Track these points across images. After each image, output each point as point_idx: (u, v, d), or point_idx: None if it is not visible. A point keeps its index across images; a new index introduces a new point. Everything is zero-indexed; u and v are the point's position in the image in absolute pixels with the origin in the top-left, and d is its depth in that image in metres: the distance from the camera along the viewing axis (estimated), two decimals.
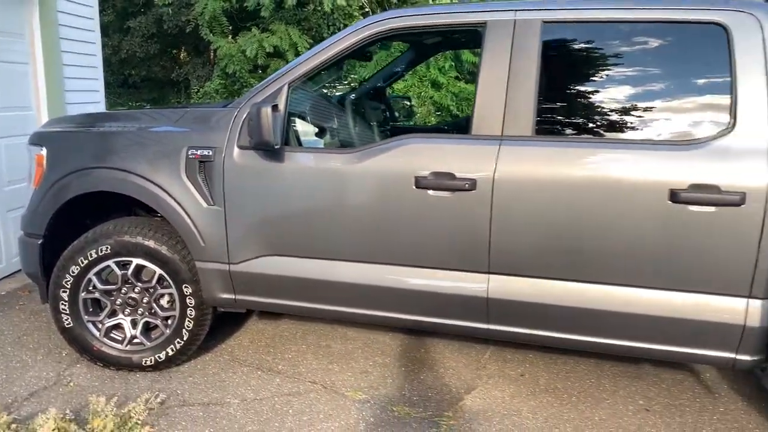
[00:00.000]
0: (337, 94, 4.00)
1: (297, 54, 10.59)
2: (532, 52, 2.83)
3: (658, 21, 2.78)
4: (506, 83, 2.84)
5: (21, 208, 4.89)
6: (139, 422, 2.97)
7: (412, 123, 5.13)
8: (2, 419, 2.89)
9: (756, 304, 2.62)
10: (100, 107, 6.15)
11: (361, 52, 3.38)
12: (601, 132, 2.85)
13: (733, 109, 2.60)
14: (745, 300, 2.63)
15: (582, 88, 3.00)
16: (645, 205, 2.64)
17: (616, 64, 2.93)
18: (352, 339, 4.10)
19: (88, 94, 5.96)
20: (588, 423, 3.20)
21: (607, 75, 2.94)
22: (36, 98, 5.33)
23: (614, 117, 2.84)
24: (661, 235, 2.65)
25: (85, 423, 2.92)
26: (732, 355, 2.71)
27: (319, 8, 10.91)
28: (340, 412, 3.22)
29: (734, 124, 2.59)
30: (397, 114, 4.83)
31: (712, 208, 2.57)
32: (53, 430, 2.81)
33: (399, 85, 11.01)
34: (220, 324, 4.08)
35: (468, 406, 3.33)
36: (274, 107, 2.92)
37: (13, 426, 2.89)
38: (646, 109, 2.83)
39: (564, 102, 2.99)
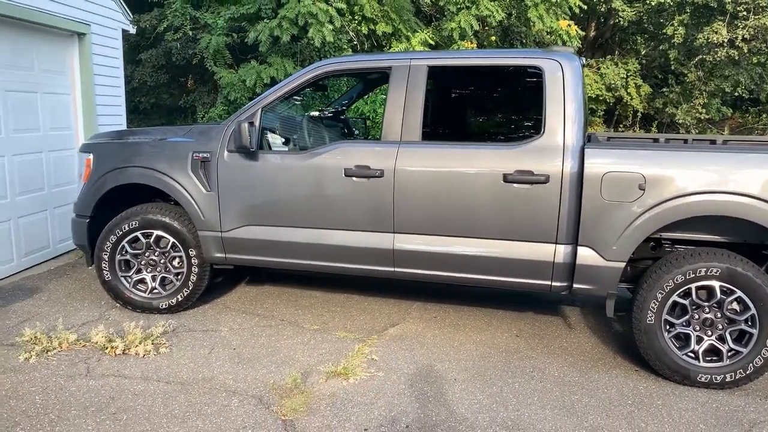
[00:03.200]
0: (305, 113, 5.43)
1: None
2: (420, 85, 4.26)
3: (501, 65, 4.25)
4: (403, 106, 4.27)
5: (65, 205, 6.41)
6: (159, 336, 4.38)
7: (369, 135, 6.54)
8: (70, 335, 4.30)
9: (560, 248, 4.02)
10: (123, 127, 7.62)
11: (312, 87, 4.83)
12: (464, 137, 4.26)
13: (543, 121, 4.02)
14: (553, 245, 4.03)
15: (452, 109, 4.44)
16: (489, 183, 4.06)
17: (474, 93, 4.39)
18: (315, 296, 5.51)
19: (114, 117, 7.44)
20: (470, 341, 4.58)
21: (468, 100, 4.39)
22: (75, 121, 6.82)
23: (471, 127, 4.28)
24: (500, 204, 4.06)
25: (123, 336, 4.32)
26: (549, 282, 4.10)
27: (312, 43, 12.37)
28: (299, 335, 4.62)
29: (543, 131, 4.01)
30: (355, 129, 6.29)
31: (528, 186, 3.99)
32: (103, 337, 4.24)
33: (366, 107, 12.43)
34: (215, 287, 5.49)
35: (390, 333, 4.72)
36: (251, 123, 4.37)
37: (76, 338, 4.29)
38: (490, 121, 4.27)
39: (440, 118, 4.44)
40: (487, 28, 15.27)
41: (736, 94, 19.50)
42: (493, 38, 15.99)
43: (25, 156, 6.00)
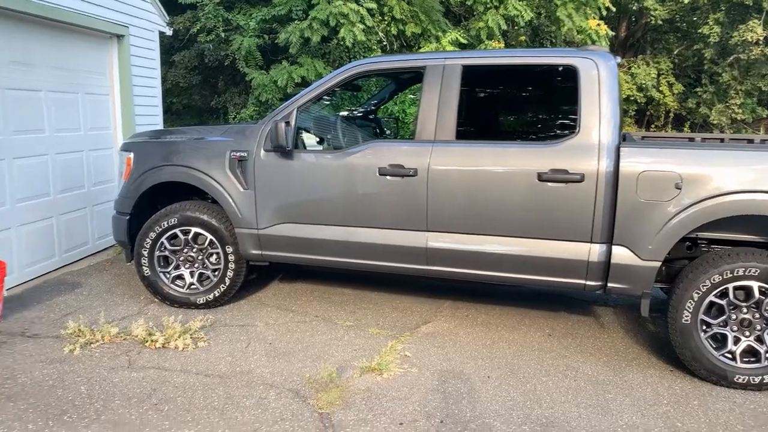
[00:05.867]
0: (338, 113, 5.50)
1: None
2: (454, 85, 4.29)
3: (535, 64, 4.25)
4: (437, 106, 4.30)
5: (104, 203, 6.57)
6: (197, 330, 4.48)
7: (399, 135, 6.60)
8: (112, 329, 4.42)
9: (595, 247, 4.02)
10: (159, 127, 7.78)
11: (347, 86, 4.89)
12: (497, 136, 4.28)
13: (578, 120, 4.02)
14: (588, 244, 4.03)
15: (486, 108, 4.46)
16: (522, 182, 4.07)
17: (508, 92, 4.40)
18: (347, 294, 5.57)
19: (151, 117, 7.61)
20: (503, 339, 4.60)
21: (502, 99, 4.41)
22: (114, 120, 6.99)
23: (505, 126, 4.30)
24: (533, 203, 4.07)
25: (162, 330, 4.43)
26: (583, 282, 4.10)
27: (342, 43, 12.48)
28: (332, 331, 4.68)
29: (578, 130, 4.01)
30: (386, 129, 6.34)
31: (563, 184, 3.99)
32: (143, 331, 4.35)
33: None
34: (250, 284, 5.58)
35: (422, 331, 4.76)
36: (287, 123, 4.45)
37: (117, 331, 4.42)
38: (524, 121, 4.29)
39: (474, 117, 4.46)
40: (516, 27, 15.21)
41: None
42: (523, 38, 15.91)
43: (66, 155, 6.17)
